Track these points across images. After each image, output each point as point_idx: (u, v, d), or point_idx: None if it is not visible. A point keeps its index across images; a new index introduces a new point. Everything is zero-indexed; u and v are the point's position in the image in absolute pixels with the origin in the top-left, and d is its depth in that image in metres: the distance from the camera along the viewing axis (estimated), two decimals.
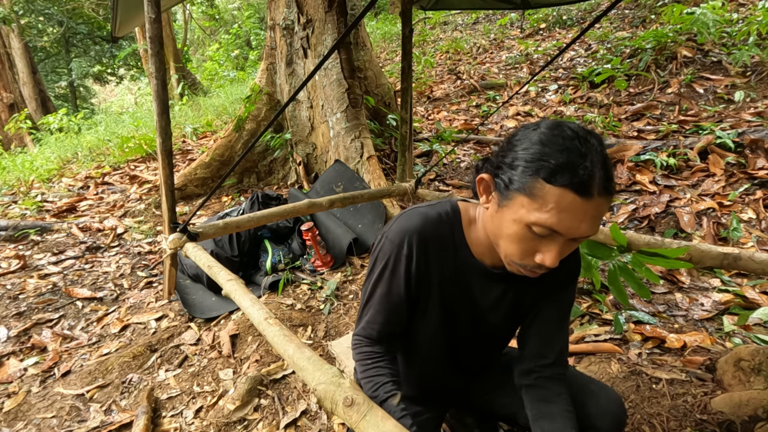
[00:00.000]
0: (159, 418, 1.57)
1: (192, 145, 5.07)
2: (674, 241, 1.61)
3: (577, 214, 0.66)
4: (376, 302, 0.90)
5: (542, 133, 0.69)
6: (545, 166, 0.66)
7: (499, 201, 0.75)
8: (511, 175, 0.71)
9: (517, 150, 0.72)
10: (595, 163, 0.65)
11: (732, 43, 3.93)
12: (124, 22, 2.46)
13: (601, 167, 0.66)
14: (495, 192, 0.76)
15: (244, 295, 1.41)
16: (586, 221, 0.67)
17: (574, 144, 0.66)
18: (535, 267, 0.75)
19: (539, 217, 0.68)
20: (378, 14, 10.20)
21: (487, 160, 0.83)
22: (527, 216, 0.69)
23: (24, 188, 4.32)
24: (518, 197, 0.70)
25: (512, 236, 0.74)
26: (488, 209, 0.79)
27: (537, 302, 0.95)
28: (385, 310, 0.90)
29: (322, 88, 3.44)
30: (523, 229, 0.71)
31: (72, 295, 2.45)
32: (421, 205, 0.90)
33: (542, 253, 0.73)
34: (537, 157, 0.68)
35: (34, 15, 10.98)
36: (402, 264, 0.85)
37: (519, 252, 0.75)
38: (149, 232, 3.31)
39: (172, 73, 8.55)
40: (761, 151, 2.69)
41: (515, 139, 0.74)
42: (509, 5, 2.73)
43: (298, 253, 2.66)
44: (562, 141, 0.67)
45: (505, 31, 6.97)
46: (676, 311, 1.85)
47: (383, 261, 0.86)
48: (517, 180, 0.70)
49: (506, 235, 0.75)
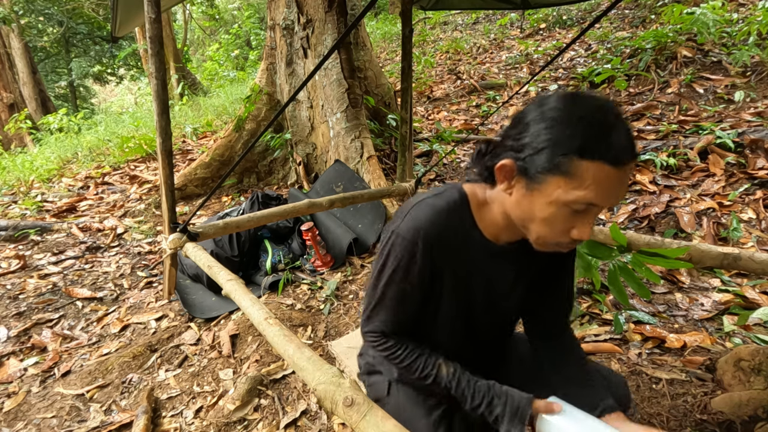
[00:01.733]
0: (159, 418, 1.57)
1: (192, 145, 5.07)
2: (674, 241, 1.61)
3: (613, 184, 0.66)
4: (389, 302, 0.87)
5: (559, 109, 0.67)
6: (576, 142, 0.65)
7: (527, 186, 0.72)
8: (538, 157, 0.68)
9: (536, 129, 0.69)
10: (621, 130, 0.65)
11: (732, 43, 3.93)
12: (124, 22, 2.46)
13: (626, 133, 0.66)
14: (519, 177, 0.73)
15: (244, 295, 1.41)
16: (622, 188, 0.68)
17: (599, 115, 0.65)
18: (570, 243, 0.75)
19: (579, 195, 0.67)
20: (378, 14, 10.20)
21: (493, 143, 0.81)
22: (565, 196, 0.68)
23: (24, 188, 4.32)
24: (552, 179, 0.68)
25: (548, 219, 0.72)
26: (512, 195, 0.76)
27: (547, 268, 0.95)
28: (400, 310, 0.87)
29: (322, 88, 3.44)
30: (560, 209, 0.70)
31: (72, 295, 2.45)
32: (428, 195, 0.85)
33: (578, 228, 0.72)
34: (564, 134, 0.66)
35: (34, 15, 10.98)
36: (416, 263, 0.82)
37: (555, 232, 0.73)
38: (149, 232, 3.31)
39: (172, 73, 8.55)
40: (761, 151, 2.69)
41: (529, 118, 0.71)
42: (509, 5, 2.73)
43: (298, 253, 2.66)
44: (585, 114, 0.66)
45: (505, 31, 6.97)
46: (676, 311, 1.85)
47: (395, 261, 0.82)
48: (546, 162, 0.68)
49: (540, 219, 0.73)
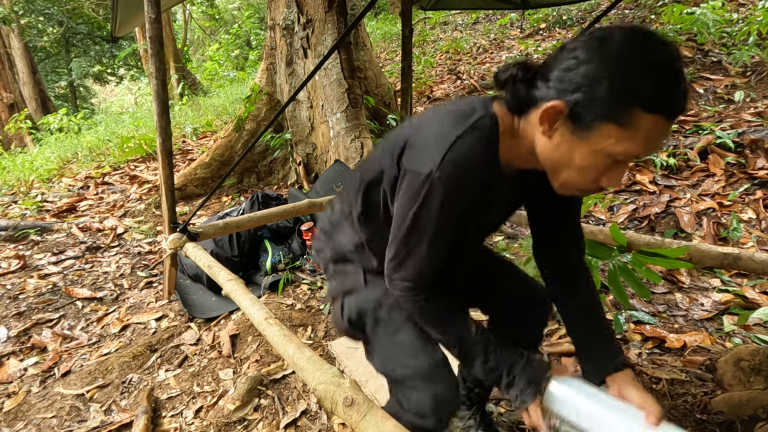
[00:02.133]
0: (159, 418, 1.57)
1: (192, 145, 5.07)
2: (674, 241, 1.61)
3: (661, 138, 0.63)
4: (425, 247, 0.79)
5: (627, 51, 0.61)
6: (645, 93, 0.59)
7: (572, 131, 0.66)
8: (595, 103, 0.62)
9: (595, 71, 0.62)
10: (684, 82, 0.61)
11: (732, 43, 3.93)
12: (124, 22, 2.46)
13: (687, 85, 0.62)
14: (565, 121, 0.67)
15: (244, 295, 1.41)
16: (663, 142, 0.66)
17: (670, 65, 0.60)
18: (595, 190, 0.73)
19: (628, 148, 0.63)
20: (378, 14, 10.20)
21: (530, 69, 0.72)
22: (614, 147, 0.63)
23: (24, 188, 4.33)
24: (604, 127, 0.63)
25: (587, 168, 0.68)
26: (551, 138, 0.70)
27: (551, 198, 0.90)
28: (435, 254, 0.80)
29: (322, 88, 3.44)
30: (603, 159, 0.66)
31: (72, 295, 2.45)
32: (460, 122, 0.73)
33: (608, 177, 0.69)
34: (632, 83, 0.60)
35: (34, 15, 10.98)
36: (458, 203, 0.75)
37: (586, 180, 0.70)
38: (149, 232, 3.31)
39: (172, 73, 8.55)
40: (761, 151, 2.69)
41: (584, 55, 0.63)
42: (509, 5, 2.73)
43: (298, 253, 2.66)
44: (657, 62, 0.60)
45: (505, 31, 6.96)
46: (676, 311, 1.85)
47: (438, 203, 0.73)
48: (604, 110, 0.62)
49: (579, 167, 0.69)
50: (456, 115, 0.74)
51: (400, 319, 0.94)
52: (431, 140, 0.74)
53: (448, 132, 0.72)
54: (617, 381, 0.85)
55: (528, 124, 0.74)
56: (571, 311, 0.97)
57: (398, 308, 0.94)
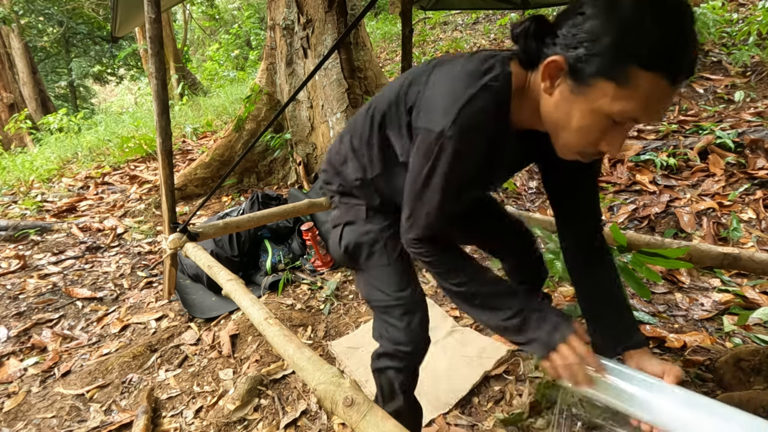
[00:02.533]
0: (159, 418, 1.57)
1: (192, 145, 5.07)
2: (674, 241, 1.61)
3: (662, 102, 0.61)
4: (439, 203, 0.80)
5: (635, 6, 0.58)
6: (643, 49, 0.57)
7: (572, 88, 0.65)
8: (594, 59, 0.61)
9: (598, 25, 0.60)
10: (692, 43, 0.59)
11: (732, 43, 3.93)
12: (124, 22, 2.46)
13: (695, 48, 0.59)
14: (566, 77, 0.66)
15: (244, 295, 1.41)
16: (667, 106, 0.63)
17: (678, 23, 0.58)
18: (594, 154, 0.72)
19: (624, 107, 0.61)
20: (378, 14, 10.20)
21: (542, 24, 0.71)
22: (610, 106, 0.62)
23: (24, 188, 4.32)
24: (601, 84, 0.62)
25: (584, 128, 0.67)
26: (551, 95, 0.70)
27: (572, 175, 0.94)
28: (448, 208, 0.82)
29: (322, 88, 3.44)
30: (600, 119, 0.65)
31: (72, 295, 2.45)
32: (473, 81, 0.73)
33: (608, 141, 0.67)
34: (633, 39, 0.58)
35: (34, 15, 10.98)
36: (472, 158, 0.76)
37: (584, 143, 0.69)
38: (149, 232, 3.31)
39: (172, 73, 8.55)
40: (761, 151, 2.69)
41: (590, 10, 0.62)
42: (509, 5, 2.73)
43: (298, 253, 2.66)
44: (663, 17, 0.57)
45: (505, 31, 6.96)
46: (676, 311, 1.85)
47: (454, 159, 0.74)
48: (602, 64, 0.60)
49: (576, 127, 0.68)
50: (470, 74, 0.74)
51: (392, 255, 1.02)
52: (444, 99, 0.74)
53: (461, 91, 0.72)
54: (635, 355, 0.87)
55: (535, 82, 0.73)
56: (590, 283, 0.99)
57: (392, 245, 1.01)
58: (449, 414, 1.44)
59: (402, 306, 1.00)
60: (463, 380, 1.55)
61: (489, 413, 1.44)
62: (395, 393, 1.04)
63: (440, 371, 1.61)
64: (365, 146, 0.98)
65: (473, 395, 1.52)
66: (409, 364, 1.03)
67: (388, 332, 1.02)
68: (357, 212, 1.05)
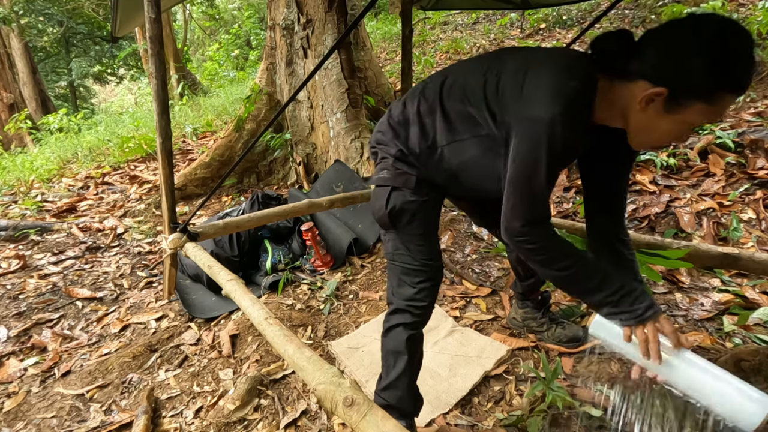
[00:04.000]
0: (159, 418, 1.57)
1: (192, 145, 5.07)
2: (674, 241, 1.61)
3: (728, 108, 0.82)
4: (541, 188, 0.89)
5: (720, 44, 0.73)
6: (731, 80, 0.74)
7: (666, 107, 0.80)
8: (691, 88, 0.77)
9: (692, 60, 0.75)
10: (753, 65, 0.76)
11: None
12: (124, 22, 2.46)
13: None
14: (662, 99, 0.80)
15: (244, 295, 1.41)
16: None
17: (749, 54, 0.74)
18: (666, 146, 0.93)
19: (708, 118, 0.79)
20: (378, 14, 10.20)
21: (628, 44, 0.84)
22: (698, 119, 0.79)
23: (24, 188, 4.32)
24: (696, 104, 0.77)
25: (669, 132, 0.84)
26: (643, 110, 0.83)
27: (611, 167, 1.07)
28: (547, 192, 0.92)
29: (322, 88, 3.44)
30: (685, 127, 0.82)
31: (72, 295, 2.45)
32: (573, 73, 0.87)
33: (682, 139, 0.85)
34: (723, 73, 0.73)
35: (34, 15, 10.98)
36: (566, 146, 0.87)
37: (664, 141, 0.87)
38: (149, 232, 3.31)
39: (172, 73, 8.55)
40: (761, 151, 2.69)
41: (681, 45, 0.77)
42: (509, 5, 2.73)
43: (298, 253, 2.66)
44: (742, 52, 0.73)
45: (505, 31, 6.96)
46: (676, 311, 1.84)
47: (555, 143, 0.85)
48: (698, 93, 0.76)
49: (664, 132, 0.84)
50: (568, 67, 0.88)
51: (428, 226, 1.17)
52: (548, 88, 0.85)
53: (564, 81, 0.85)
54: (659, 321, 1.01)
55: (620, 92, 0.86)
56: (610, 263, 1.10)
57: (430, 217, 1.17)
58: (449, 414, 1.44)
59: (425, 273, 1.15)
60: (463, 380, 1.56)
61: (489, 413, 1.44)
62: (401, 352, 1.16)
63: (440, 371, 1.61)
64: (438, 116, 1.04)
65: (473, 395, 1.52)
66: (418, 321, 1.18)
67: (403, 290, 1.16)
68: (406, 180, 1.12)
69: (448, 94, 1.04)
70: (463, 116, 1.01)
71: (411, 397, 1.22)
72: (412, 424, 1.23)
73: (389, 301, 1.22)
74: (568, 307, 1.91)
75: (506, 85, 0.92)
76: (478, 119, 0.98)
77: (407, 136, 1.11)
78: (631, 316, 0.90)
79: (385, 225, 1.17)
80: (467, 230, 2.70)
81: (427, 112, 1.07)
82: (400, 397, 1.18)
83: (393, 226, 1.15)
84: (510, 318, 1.83)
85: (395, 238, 1.17)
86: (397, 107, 1.16)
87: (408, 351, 1.17)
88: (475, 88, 0.98)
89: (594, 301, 0.95)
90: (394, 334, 1.18)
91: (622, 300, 0.91)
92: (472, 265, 2.38)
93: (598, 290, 0.93)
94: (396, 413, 1.18)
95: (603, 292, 0.92)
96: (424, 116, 1.08)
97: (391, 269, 1.20)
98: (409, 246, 1.14)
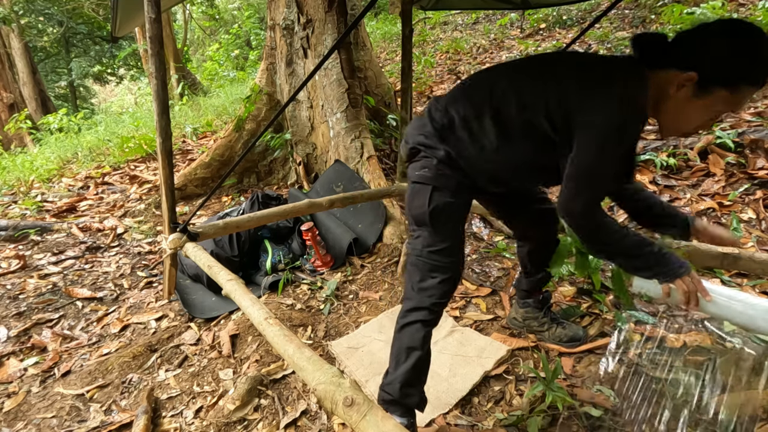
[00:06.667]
0: (159, 418, 1.57)
1: (192, 145, 5.07)
2: (674, 241, 1.61)
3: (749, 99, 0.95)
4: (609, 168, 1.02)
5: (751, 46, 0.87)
6: (755, 75, 0.88)
7: (695, 92, 0.94)
8: (719, 77, 0.90)
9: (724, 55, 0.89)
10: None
11: None
12: (124, 22, 2.46)
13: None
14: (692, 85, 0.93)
15: (244, 295, 1.41)
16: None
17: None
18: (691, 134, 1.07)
19: (730, 107, 0.93)
20: (378, 14, 10.20)
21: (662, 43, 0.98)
22: (721, 107, 0.93)
23: (24, 188, 4.32)
24: (721, 93, 0.91)
25: (695, 119, 0.98)
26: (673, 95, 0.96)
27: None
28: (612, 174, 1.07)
29: (322, 88, 3.44)
30: (709, 114, 0.95)
31: (72, 295, 2.45)
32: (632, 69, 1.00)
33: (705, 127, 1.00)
34: (750, 68, 0.88)
35: (34, 15, 10.97)
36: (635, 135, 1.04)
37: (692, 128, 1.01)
38: (149, 232, 3.31)
39: (172, 73, 8.55)
40: (761, 151, 2.69)
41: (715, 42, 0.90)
42: (509, 5, 2.73)
43: (298, 253, 2.65)
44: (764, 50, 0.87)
45: (505, 31, 6.96)
46: (676, 311, 1.84)
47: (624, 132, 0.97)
48: (725, 81, 0.90)
49: (694, 119, 0.98)
50: (626, 65, 1.01)
51: (459, 228, 1.24)
52: (613, 85, 0.97)
53: (627, 77, 0.98)
54: (700, 228, 1.27)
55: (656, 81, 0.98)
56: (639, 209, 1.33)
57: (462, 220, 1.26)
58: (449, 414, 1.44)
59: (450, 270, 1.21)
60: (463, 380, 1.56)
61: (489, 413, 1.44)
62: (415, 348, 1.20)
63: (440, 371, 1.61)
64: (487, 122, 1.12)
65: (473, 395, 1.52)
66: (434, 318, 1.23)
67: (426, 286, 1.21)
68: (447, 182, 1.18)
69: (499, 101, 1.10)
70: (517, 122, 1.09)
71: (418, 393, 1.23)
72: (413, 424, 1.23)
73: (408, 297, 1.25)
74: (568, 307, 1.91)
75: (569, 93, 1.01)
76: (535, 124, 1.06)
77: (455, 140, 1.16)
78: (668, 274, 1.04)
79: (422, 222, 1.21)
80: (467, 230, 2.70)
81: (473, 117, 1.13)
82: (408, 393, 1.19)
83: (431, 224, 1.19)
84: (510, 318, 1.83)
85: (429, 236, 1.20)
86: (438, 110, 1.20)
87: (422, 347, 1.20)
88: (530, 96, 1.07)
89: (637, 265, 1.08)
90: (412, 330, 1.21)
91: (658, 263, 1.05)
92: (472, 265, 2.38)
93: (639, 256, 1.06)
94: (401, 409, 1.19)
95: (641, 259, 1.06)
96: (471, 121, 1.14)
97: (415, 265, 1.23)
98: (441, 245, 1.19)
